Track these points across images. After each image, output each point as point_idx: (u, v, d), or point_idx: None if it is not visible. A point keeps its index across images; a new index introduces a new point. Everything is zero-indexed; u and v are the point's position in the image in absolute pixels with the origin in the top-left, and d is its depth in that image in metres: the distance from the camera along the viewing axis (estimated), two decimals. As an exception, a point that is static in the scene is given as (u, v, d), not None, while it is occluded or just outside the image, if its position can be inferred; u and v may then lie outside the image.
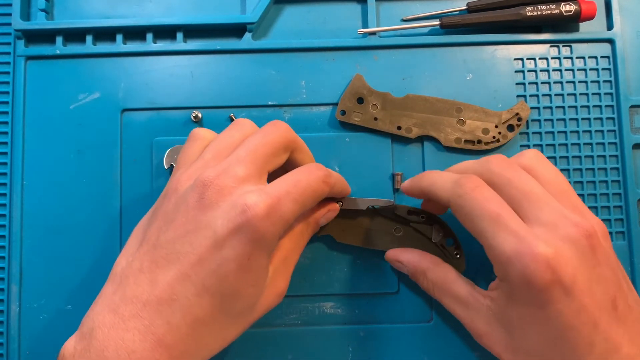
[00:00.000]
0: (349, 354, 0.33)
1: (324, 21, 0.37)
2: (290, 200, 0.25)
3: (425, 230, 0.32)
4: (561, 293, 0.23)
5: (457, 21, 0.35)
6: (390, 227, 0.32)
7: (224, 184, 0.24)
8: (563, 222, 0.24)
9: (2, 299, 0.34)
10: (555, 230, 0.24)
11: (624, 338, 0.24)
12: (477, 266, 0.32)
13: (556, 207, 0.25)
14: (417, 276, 0.31)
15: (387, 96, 0.35)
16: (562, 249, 0.24)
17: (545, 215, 0.25)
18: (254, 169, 0.25)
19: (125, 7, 0.37)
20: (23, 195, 0.34)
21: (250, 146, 0.26)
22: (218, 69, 0.36)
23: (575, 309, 0.23)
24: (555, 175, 0.27)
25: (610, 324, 0.24)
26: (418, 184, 0.30)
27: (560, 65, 0.36)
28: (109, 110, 0.35)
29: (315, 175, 0.26)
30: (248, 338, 0.33)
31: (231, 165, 0.25)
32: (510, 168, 0.27)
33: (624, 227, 0.34)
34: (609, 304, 0.24)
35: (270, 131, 0.27)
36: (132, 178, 0.35)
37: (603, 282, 0.24)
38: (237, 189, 0.24)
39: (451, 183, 0.27)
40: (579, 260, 0.24)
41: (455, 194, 0.27)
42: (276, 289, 0.27)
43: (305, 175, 0.26)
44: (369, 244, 0.32)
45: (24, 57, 0.35)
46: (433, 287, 0.30)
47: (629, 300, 0.25)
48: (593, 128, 0.35)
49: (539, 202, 0.25)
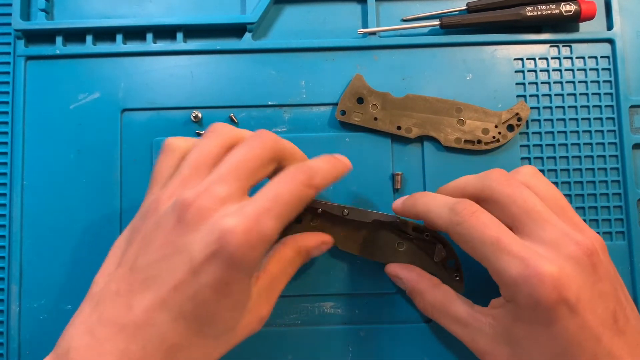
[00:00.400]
0: (349, 354, 0.33)
1: (324, 21, 0.37)
2: (271, 217, 0.23)
3: (428, 249, 0.32)
4: (566, 311, 0.24)
5: (457, 21, 0.35)
6: (394, 241, 0.32)
7: (203, 205, 0.23)
8: (565, 241, 0.25)
9: (2, 299, 0.34)
10: (557, 249, 0.24)
11: (624, 350, 0.24)
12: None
13: (558, 225, 0.25)
14: (414, 295, 0.31)
15: (387, 96, 0.35)
16: (566, 268, 0.24)
17: (548, 233, 0.25)
18: (236, 187, 0.24)
19: (125, 7, 0.37)
20: (23, 195, 0.34)
21: (232, 162, 0.25)
22: (218, 69, 0.36)
23: (579, 326, 0.24)
24: (552, 191, 0.28)
25: (612, 337, 0.24)
26: (412, 208, 0.29)
27: (560, 65, 0.36)
28: (109, 110, 0.35)
29: (297, 182, 0.25)
30: (248, 338, 0.33)
31: (212, 184, 0.24)
32: (511, 185, 0.27)
33: (624, 227, 0.34)
34: (610, 319, 0.24)
35: (254, 144, 0.25)
36: (132, 178, 0.35)
37: (604, 297, 0.25)
38: (216, 212, 0.23)
39: (447, 210, 0.27)
40: (582, 278, 0.24)
41: (452, 222, 0.26)
42: (258, 312, 0.26)
43: (285, 185, 0.24)
44: (370, 255, 0.32)
45: (24, 57, 0.35)
46: (431, 308, 0.30)
47: (626, 312, 0.25)
48: (593, 128, 0.35)
49: (541, 220, 0.25)
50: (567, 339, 0.24)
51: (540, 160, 0.35)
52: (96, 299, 0.24)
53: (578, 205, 0.35)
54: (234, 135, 0.27)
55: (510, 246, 0.24)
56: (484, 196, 0.27)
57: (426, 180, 0.35)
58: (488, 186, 0.27)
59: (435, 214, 0.28)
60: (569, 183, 0.35)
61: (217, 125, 0.27)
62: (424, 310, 0.30)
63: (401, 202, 0.31)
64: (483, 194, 0.27)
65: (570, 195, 0.35)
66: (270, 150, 0.26)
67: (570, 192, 0.35)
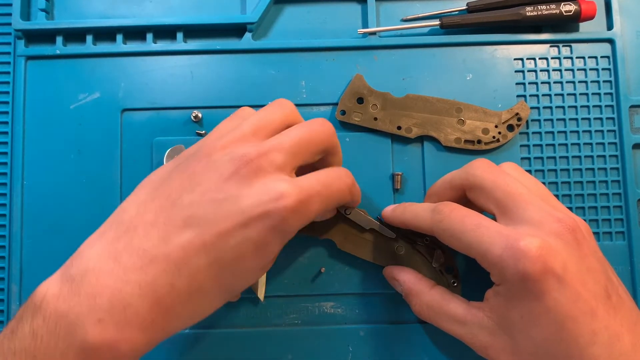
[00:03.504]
0: (349, 354, 0.33)
1: (324, 21, 0.37)
2: (319, 200, 0.25)
3: (427, 254, 0.32)
4: (555, 282, 0.24)
5: (457, 21, 0.35)
6: (393, 244, 0.32)
7: (262, 165, 0.24)
8: (548, 219, 0.25)
9: (2, 298, 0.34)
10: (540, 227, 0.25)
11: (622, 327, 0.24)
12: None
13: (540, 206, 0.26)
14: (411, 298, 0.31)
15: (387, 96, 0.35)
16: (549, 241, 0.24)
17: (530, 214, 0.26)
18: (291, 161, 0.25)
19: (125, 7, 0.37)
20: (23, 195, 0.34)
21: (293, 137, 0.26)
22: (218, 68, 0.36)
23: (571, 298, 0.24)
24: (534, 182, 0.29)
25: (608, 311, 0.24)
26: (400, 217, 0.31)
27: (560, 65, 0.36)
28: (109, 110, 0.35)
29: (344, 183, 0.27)
30: (248, 338, 0.33)
31: (272, 150, 0.25)
32: (494, 171, 0.28)
33: (624, 227, 0.34)
34: (602, 292, 0.24)
35: (316, 129, 0.26)
36: (132, 178, 0.35)
37: (592, 272, 0.25)
38: (273, 174, 0.24)
39: (430, 212, 0.28)
40: (567, 252, 0.24)
41: (435, 221, 0.27)
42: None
43: (336, 180, 0.26)
44: (369, 257, 0.33)
45: (24, 57, 0.35)
46: (428, 310, 0.30)
47: (619, 291, 0.25)
48: (593, 128, 0.35)
49: (524, 202, 0.26)
50: (561, 314, 0.24)
51: (540, 160, 0.35)
52: (125, 225, 0.24)
53: (578, 205, 0.35)
54: (296, 115, 0.28)
55: (490, 228, 0.25)
56: (469, 184, 0.28)
57: (426, 180, 0.35)
58: (472, 174, 0.28)
59: (420, 217, 0.29)
60: (569, 183, 0.35)
61: (282, 100, 0.28)
62: (420, 313, 0.30)
63: (391, 209, 0.32)
64: (468, 182, 0.28)
65: (570, 195, 0.35)
66: (327, 140, 0.27)
67: (570, 192, 0.35)
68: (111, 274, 0.22)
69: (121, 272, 0.22)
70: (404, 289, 0.31)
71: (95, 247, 0.24)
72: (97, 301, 0.22)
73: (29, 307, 0.23)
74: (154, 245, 0.23)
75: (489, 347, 0.27)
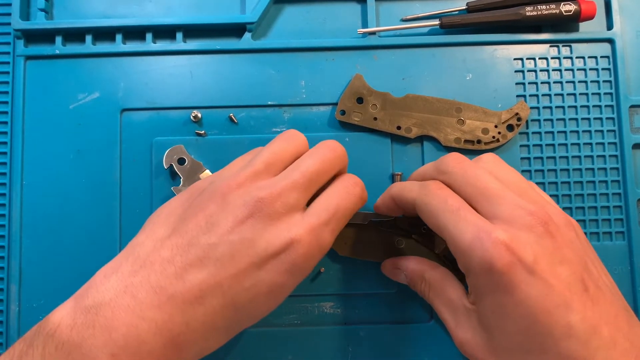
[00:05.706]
0: (349, 354, 0.33)
1: (324, 21, 0.37)
2: (330, 229, 0.26)
3: (427, 242, 0.32)
4: (524, 273, 0.23)
5: (456, 21, 0.35)
6: (392, 239, 0.32)
7: (275, 209, 0.25)
8: (519, 213, 0.25)
9: (2, 299, 0.34)
10: (511, 221, 0.24)
11: (601, 319, 0.23)
12: None
13: (512, 200, 0.25)
14: (415, 280, 0.31)
15: (386, 96, 0.35)
16: (519, 234, 0.24)
17: (502, 209, 0.25)
18: (303, 196, 0.26)
19: (125, 7, 0.37)
20: (23, 195, 0.34)
21: (305, 171, 0.26)
22: (218, 68, 0.36)
23: (543, 290, 0.23)
24: (513, 175, 0.28)
25: (585, 304, 0.23)
26: (387, 192, 0.31)
27: (560, 65, 0.36)
28: (109, 110, 0.35)
29: (354, 196, 0.27)
30: (248, 338, 0.33)
31: (285, 190, 0.25)
32: (464, 166, 0.27)
33: (624, 227, 0.34)
34: (578, 284, 0.24)
35: (328, 157, 0.27)
36: (132, 178, 0.35)
37: (567, 263, 0.24)
38: (285, 217, 0.25)
39: (418, 186, 0.28)
40: (538, 244, 0.24)
41: (420, 194, 0.28)
42: None
43: (344, 198, 0.27)
44: (371, 256, 0.33)
45: (23, 57, 0.35)
46: (428, 288, 0.30)
47: (599, 283, 0.25)
48: (593, 128, 0.35)
49: (495, 197, 0.25)
50: (534, 307, 0.23)
51: (540, 160, 0.35)
52: (142, 260, 0.24)
53: (578, 205, 0.35)
54: (305, 145, 0.29)
55: (467, 216, 0.25)
56: (440, 180, 0.28)
57: (426, 180, 0.35)
58: (443, 170, 0.28)
59: (407, 189, 0.29)
60: (569, 183, 0.35)
61: (292, 131, 0.29)
62: (422, 292, 0.30)
63: (380, 198, 0.31)
64: (439, 178, 0.28)
65: (570, 195, 0.35)
66: (339, 165, 0.28)
67: (570, 192, 0.35)
68: (127, 310, 0.23)
69: (137, 308, 0.23)
70: (408, 274, 0.31)
71: (111, 279, 0.24)
72: (112, 336, 0.22)
73: (41, 333, 0.23)
74: (171, 283, 0.23)
75: (466, 343, 0.26)
